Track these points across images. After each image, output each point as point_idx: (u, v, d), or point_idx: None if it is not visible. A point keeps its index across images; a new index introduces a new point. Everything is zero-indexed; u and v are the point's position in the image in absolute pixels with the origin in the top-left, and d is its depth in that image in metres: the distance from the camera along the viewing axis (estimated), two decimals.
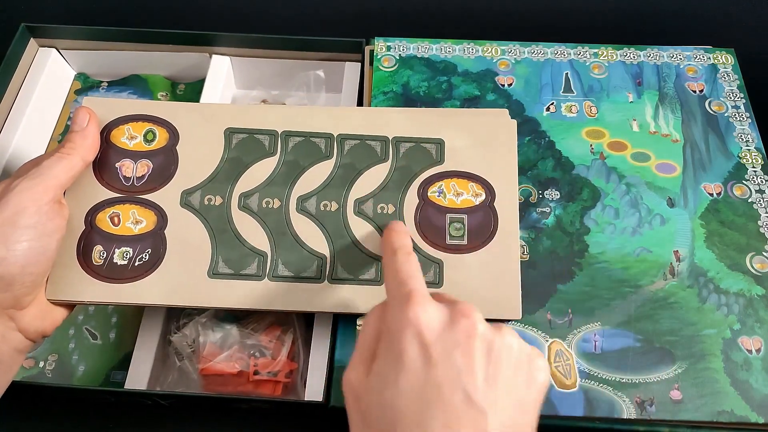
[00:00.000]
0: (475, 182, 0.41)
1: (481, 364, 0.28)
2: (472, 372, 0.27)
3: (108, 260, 0.38)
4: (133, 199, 0.40)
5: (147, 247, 0.39)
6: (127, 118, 0.42)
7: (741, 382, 0.37)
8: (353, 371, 0.30)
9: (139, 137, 0.41)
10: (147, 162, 0.41)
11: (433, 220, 0.40)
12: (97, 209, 0.40)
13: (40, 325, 0.37)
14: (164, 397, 0.42)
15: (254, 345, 0.43)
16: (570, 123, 0.46)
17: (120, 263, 0.38)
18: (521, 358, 0.29)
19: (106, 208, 0.40)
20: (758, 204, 0.43)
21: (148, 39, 0.52)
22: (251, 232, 0.40)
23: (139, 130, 0.41)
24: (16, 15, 0.63)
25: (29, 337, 0.37)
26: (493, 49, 0.50)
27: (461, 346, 0.28)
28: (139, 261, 0.39)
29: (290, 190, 0.40)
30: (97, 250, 0.39)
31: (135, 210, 0.40)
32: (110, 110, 0.42)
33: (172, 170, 0.41)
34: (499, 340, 0.29)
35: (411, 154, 0.41)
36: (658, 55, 0.49)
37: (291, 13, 0.64)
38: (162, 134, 0.41)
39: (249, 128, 0.42)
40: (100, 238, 0.39)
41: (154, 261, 0.39)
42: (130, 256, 0.39)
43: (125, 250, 0.39)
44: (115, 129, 0.41)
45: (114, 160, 0.41)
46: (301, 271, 0.39)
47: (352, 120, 0.42)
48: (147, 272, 0.38)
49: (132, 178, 0.40)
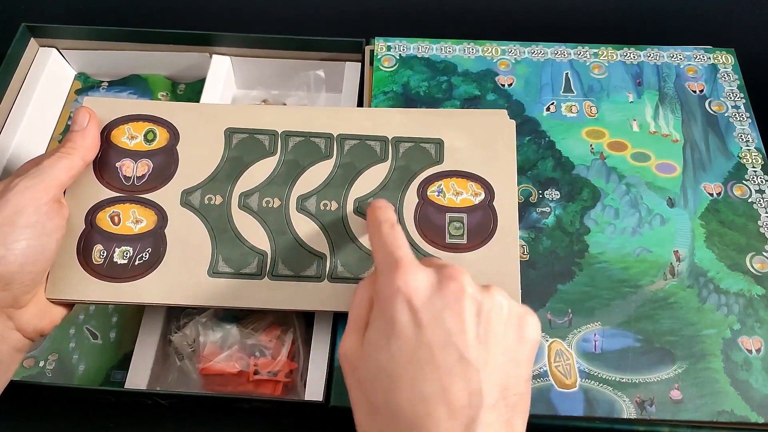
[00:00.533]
0: (474, 182, 0.41)
1: (471, 324, 0.28)
2: (462, 332, 0.28)
3: (108, 259, 0.39)
4: (133, 199, 0.40)
5: (147, 246, 0.39)
6: (127, 118, 0.42)
7: (741, 382, 0.37)
8: (347, 341, 0.31)
9: (139, 137, 0.41)
10: (147, 162, 0.41)
11: (432, 220, 0.40)
12: (97, 208, 0.40)
13: (39, 324, 0.37)
14: (164, 397, 0.42)
15: (254, 345, 0.43)
16: (570, 123, 0.46)
17: (120, 262, 0.39)
18: (511, 316, 0.30)
19: (107, 207, 0.40)
20: (758, 204, 0.43)
21: (148, 39, 0.52)
22: (251, 231, 0.40)
23: (139, 129, 0.42)
24: (16, 15, 0.63)
25: (28, 336, 0.37)
26: (493, 49, 0.50)
27: (450, 307, 0.28)
28: (139, 260, 0.39)
29: (290, 189, 0.41)
30: (97, 249, 0.39)
31: (135, 209, 0.40)
32: (111, 110, 0.42)
33: (172, 170, 0.41)
34: (489, 300, 0.29)
35: (410, 154, 0.41)
36: (658, 55, 0.49)
37: (291, 13, 0.64)
38: (162, 134, 0.42)
39: (249, 128, 0.42)
40: (100, 238, 0.39)
41: (154, 260, 0.39)
42: (130, 255, 0.39)
43: (125, 249, 0.39)
44: (116, 129, 0.41)
45: (114, 160, 0.41)
46: (300, 270, 0.39)
47: (352, 120, 0.42)
48: (147, 271, 0.38)
49: (132, 177, 0.40)
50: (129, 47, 0.53)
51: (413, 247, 0.39)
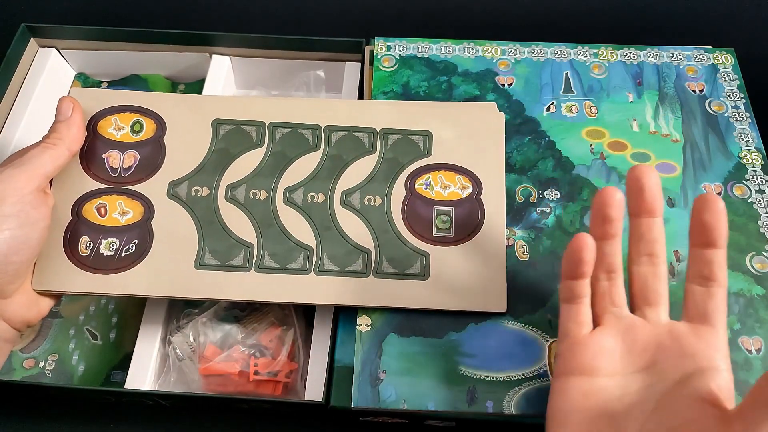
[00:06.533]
0: (462, 175, 0.41)
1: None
2: None
3: (94, 251, 0.39)
4: (120, 190, 0.40)
5: (134, 237, 0.39)
6: (114, 109, 0.42)
7: (741, 382, 0.37)
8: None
9: (126, 128, 0.41)
10: (134, 153, 0.41)
11: (420, 213, 0.40)
12: (83, 200, 0.40)
13: (26, 315, 0.37)
14: (164, 397, 0.42)
15: (254, 345, 0.43)
16: (570, 123, 0.46)
17: (106, 254, 0.39)
18: None
19: (93, 198, 0.40)
20: (758, 204, 0.43)
21: (148, 39, 0.52)
22: (238, 223, 0.40)
23: (126, 121, 0.41)
24: (16, 15, 0.63)
25: (15, 327, 0.37)
26: (493, 49, 0.50)
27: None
28: (125, 252, 0.39)
29: (277, 181, 0.40)
30: (84, 240, 0.39)
31: (122, 201, 0.40)
32: (98, 101, 0.42)
33: (159, 161, 0.41)
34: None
35: (399, 146, 0.41)
36: (658, 55, 0.49)
37: (291, 13, 0.64)
38: (149, 125, 0.41)
39: (236, 119, 0.42)
40: (86, 229, 0.39)
41: (141, 252, 0.39)
42: (117, 246, 0.39)
43: (112, 240, 0.39)
44: (102, 120, 0.41)
45: (101, 151, 0.41)
46: (287, 263, 0.39)
47: (340, 112, 0.42)
48: (133, 263, 0.38)
49: (119, 169, 0.40)
50: (129, 47, 0.53)
51: (400, 241, 0.39)
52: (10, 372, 0.45)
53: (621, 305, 0.34)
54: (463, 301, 0.39)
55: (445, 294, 0.39)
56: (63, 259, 0.38)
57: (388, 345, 0.39)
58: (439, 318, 0.39)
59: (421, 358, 0.38)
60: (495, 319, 0.39)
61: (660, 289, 0.33)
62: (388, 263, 0.39)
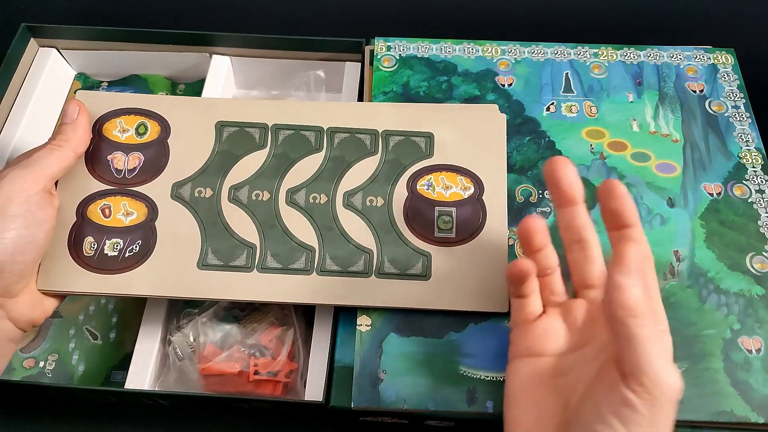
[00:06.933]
0: (464, 176, 0.41)
1: None
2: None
3: (99, 251, 0.39)
4: (124, 191, 0.40)
5: (137, 238, 0.39)
6: (119, 112, 0.42)
7: (741, 382, 0.37)
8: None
9: (130, 130, 0.42)
10: (138, 155, 0.41)
11: (421, 213, 0.40)
12: (88, 201, 0.40)
13: (31, 315, 0.38)
14: (164, 397, 0.42)
15: (254, 345, 0.43)
16: (570, 123, 0.46)
17: (110, 254, 0.39)
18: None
19: (98, 199, 0.40)
20: (758, 204, 0.43)
21: (148, 39, 0.52)
22: (241, 224, 0.40)
23: (131, 123, 0.42)
24: (16, 15, 0.63)
25: (20, 327, 0.37)
26: (493, 49, 0.50)
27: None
28: (129, 252, 0.39)
29: (280, 182, 0.41)
30: (88, 241, 0.39)
31: (126, 202, 0.40)
32: (103, 104, 0.42)
33: (163, 163, 0.41)
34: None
35: (400, 148, 0.42)
36: (658, 55, 0.49)
37: (291, 13, 0.64)
38: (154, 127, 0.42)
39: (239, 121, 0.42)
40: (91, 230, 0.39)
41: (145, 252, 0.39)
42: (121, 247, 0.39)
43: (116, 241, 0.39)
44: (108, 122, 0.42)
45: (106, 153, 0.41)
46: (289, 263, 0.39)
47: (342, 114, 0.42)
48: (137, 263, 0.39)
49: (123, 170, 0.41)
50: (129, 47, 0.53)
51: (401, 241, 0.39)
52: (10, 372, 0.45)
53: (560, 293, 0.36)
54: (465, 301, 0.39)
55: (447, 294, 0.39)
56: (67, 259, 0.39)
57: (388, 345, 0.39)
58: (439, 318, 0.39)
59: (421, 358, 0.38)
60: (495, 319, 0.39)
61: (593, 270, 0.35)
62: (390, 263, 0.39)
